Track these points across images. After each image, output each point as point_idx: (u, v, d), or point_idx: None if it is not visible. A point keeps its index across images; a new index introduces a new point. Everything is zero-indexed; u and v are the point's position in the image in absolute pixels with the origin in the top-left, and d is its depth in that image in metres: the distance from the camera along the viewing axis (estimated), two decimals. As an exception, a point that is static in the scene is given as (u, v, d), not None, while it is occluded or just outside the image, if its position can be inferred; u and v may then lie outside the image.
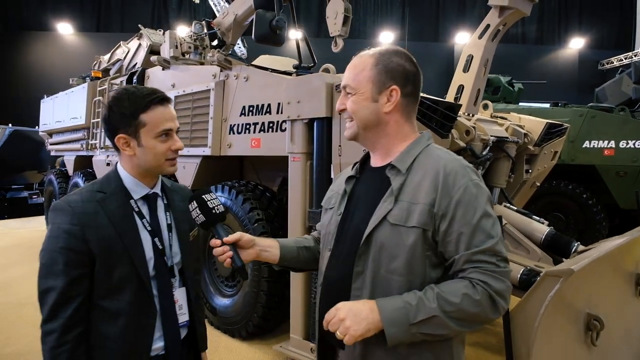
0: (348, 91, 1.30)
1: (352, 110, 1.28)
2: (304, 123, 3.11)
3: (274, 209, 3.71)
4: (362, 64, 1.28)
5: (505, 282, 1.13)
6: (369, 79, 1.26)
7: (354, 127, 1.29)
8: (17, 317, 4.36)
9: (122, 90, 1.38)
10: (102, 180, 1.41)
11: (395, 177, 1.22)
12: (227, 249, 1.29)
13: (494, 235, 1.14)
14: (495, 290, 1.10)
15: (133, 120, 1.33)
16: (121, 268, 1.31)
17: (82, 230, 1.27)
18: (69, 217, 1.28)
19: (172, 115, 1.39)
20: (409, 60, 1.28)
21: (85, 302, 1.29)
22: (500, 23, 3.72)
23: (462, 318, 1.11)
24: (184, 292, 1.46)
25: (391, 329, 1.10)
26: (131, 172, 1.41)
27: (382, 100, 1.25)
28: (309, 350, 3.13)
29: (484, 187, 1.20)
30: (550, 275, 2.10)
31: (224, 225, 1.33)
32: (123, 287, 1.31)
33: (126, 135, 1.35)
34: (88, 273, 1.29)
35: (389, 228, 1.18)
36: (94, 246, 1.28)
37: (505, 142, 3.83)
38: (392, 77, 1.25)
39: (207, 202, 1.29)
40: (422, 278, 1.17)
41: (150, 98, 1.34)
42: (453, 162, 1.20)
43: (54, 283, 1.26)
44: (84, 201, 1.32)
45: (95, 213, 1.30)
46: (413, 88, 1.28)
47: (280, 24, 3.83)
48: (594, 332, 2.37)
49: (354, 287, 1.22)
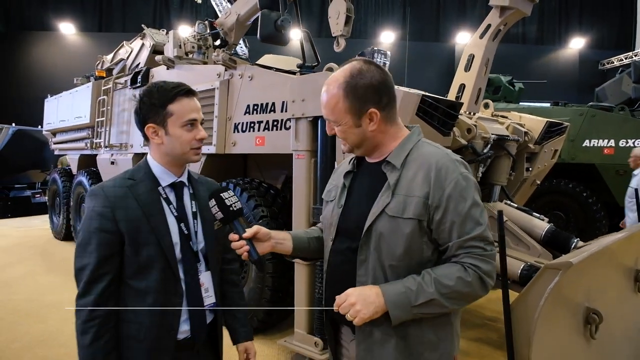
0: (332, 122, 1.38)
1: (341, 137, 1.39)
2: (309, 121, 3.16)
3: (278, 205, 3.76)
4: (333, 100, 1.33)
5: (492, 263, 1.28)
6: (345, 111, 1.32)
7: (348, 146, 1.41)
8: (23, 314, 4.43)
9: (152, 84, 1.49)
10: (134, 169, 1.52)
11: (391, 173, 1.32)
12: (244, 243, 1.36)
13: (482, 222, 1.27)
14: (483, 272, 1.25)
15: (161, 110, 1.43)
16: (148, 248, 1.39)
17: (112, 211, 1.37)
18: (102, 200, 1.39)
19: (197, 107, 1.49)
20: (372, 71, 1.31)
21: (115, 280, 1.39)
22: (501, 23, 3.77)
23: (456, 297, 1.25)
24: (209, 275, 1.54)
25: (395, 311, 1.24)
26: (160, 161, 1.50)
27: (365, 123, 1.33)
28: (313, 344, 3.18)
29: (472, 178, 1.31)
30: (549, 268, 2.15)
31: (244, 222, 1.41)
32: (151, 267, 1.40)
33: (155, 124, 1.45)
34: (118, 252, 1.39)
35: (388, 220, 1.29)
36: (122, 226, 1.37)
37: (505, 140, 3.88)
38: (365, 100, 1.30)
39: (224, 200, 1.37)
40: (419, 262, 1.30)
41: (177, 90, 1.45)
42: (443, 157, 1.31)
43: (88, 261, 1.36)
44: (116, 186, 1.43)
45: (125, 196, 1.41)
46: (387, 97, 1.34)
47: (285, 24, 3.88)
48: (592, 325, 2.41)
49: (358, 274, 1.34)
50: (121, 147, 5.82)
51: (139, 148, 5.44)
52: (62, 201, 7.92)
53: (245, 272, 3.82)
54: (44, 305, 4.65)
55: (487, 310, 4.66)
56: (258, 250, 1.38)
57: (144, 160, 1.53)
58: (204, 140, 1.51)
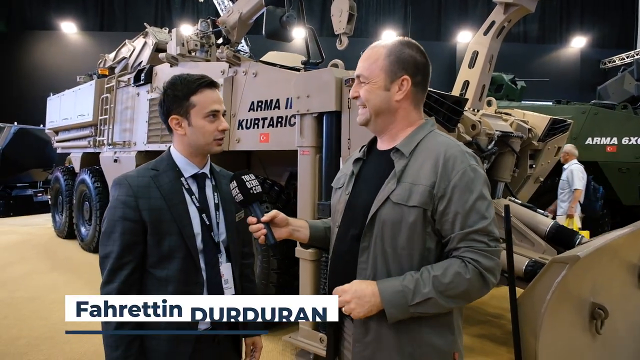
0: (362, 80, 1.37)
1: (365, 98, 1.36)
2: (314, 117, 3.17)
3: (283, 202, 3.77)
4: (375, 55, 1.36)
5: (495, 259, 1.22)
6: (381, 69, 1.33)
7: (366, 114, 1.37)
8: (27, 311, 4.43)
9: (176, 77, 1.51)
10: (157, 160, 1.54)
11: (398, 160, 1.31)
12: (262, 226, 1.37)
13: (488, 216, 1.23)
14: (485, 268, 1.20)
15: (185, 101, 1.46)
16: (170, 237, 1.41)
17: (135, 200, 1.39)
18: (125, 189, 1.41)
19: (219, 98, 1.51)
20: (419, 51, 1.37)
21: (138, 268, 1.40)
22: (505, 20, 3.78)
23: (455, 296, 1.21)
24: (230, 267, 1.55)
25: (391, 310, 1.21)
26: (182, 152, 1.52)
27: (393, 89, 1.33)
28: (318, 340, 3.18)
29: (481, 171, 1.28)
30: (556, 262, 2.15)
31: (261, 205, 1.41)
32: (172, 257, 1.41)
33: (178, 116, 1.47)
34: (141, 241, 1.40)
35: (392, 207, 1.27)
36: (145, 215, 1.39)
37: (509, 137, 3.89)
38: (403, 67, 1.33)
39: (245, 182, 1.38)
40: (421, 252, 1.27)
41: (200, 82, 1.47)
42: (453, 147, 1.29)
43: (112, 249, 1.38)
44: (139, 176, 1.45)
45: (148, 186, 1.43)
46: (422, 78, 1.36)
47: (291, 20, 3.88)
48: (598, 320, 2.41)
49: (360, 261, 1.32)
50: (124, 144, 5.83)
51: (142, 146, 5.44)
52: (64, 200, 7.92)
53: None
54: (47, 303, 4.66)
55: (490, 307, 4.67)
56: (275, 235, 1.39)
57: (167, 152, 1.56)
58: (225, 132, 1.52)
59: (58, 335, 3.77)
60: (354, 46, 3.87)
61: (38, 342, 3.69)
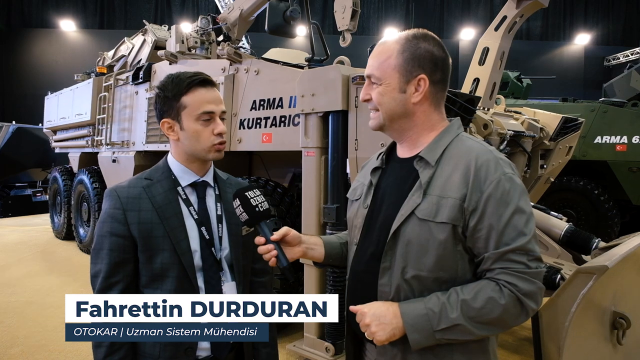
0: (373, 81, 1.22)
1: (378, 101, 1.21)
2: (319, 116, 3.03)
3: (286, 205, 3.63)
4: (387, 52, 1.20)
5: (536, 283, 1.07)
6: (394, 68, 1.18)
7: (379, 119, 1.22)
8: (23, 316, 4.31)
9: (169, 75, 1.38)
10: (152, 168, 1.41)
11: (423, 170, 1.15)
12: (272, 247, 1.21)
13: (527, 232, 1.07)
14: (524, 293, 1.05)
15: (175, 103, 1.33)
16: (163, 254, 1.28)
17: (123, 213, 1.27)
18: (113, 201, 1.30)
19: (214, 98, 1.36)
20: (437, 44, 1.21)
21: (128, 289, 1.28)
22: (517, 14, 3.64)
23: (487, 322, 1.07)
24: (234, 286, 1.39)
25: (414, 335, 1.08)
26: (179, 159, 1.39)
27: (409, 91, 1.18)
28: (324, 349, 3.06)
29: (518, 181, 1.12)
30: (582, 272, 2.02)
31: (270, 222, 1.27)
32: (166, 275, 1.28)
33: (169, 119, 1.35)
34: (131, 259, 1.28)
35: (417, 223, 1.12)
36: (134, 229, 1.27)
37: (521, 137, 3.76)
38: (419, 64, 1.17)
39: (250, 199, 1.22)
40: (452, 274, 1.12)
41: (191, 79, 1.32)
42: (486, 153, 1.13)
43: (100, 267, 1.27)
44: (130, 187, 1.33)
45: (139, 197, 1.30)
46: (442, 75, 1.21)
47: (295, 15, 3.74)
48: (619, 330, 2.29)
49: (380, 283, 1.18)
50: (123, 144, 5.69)
51: (141, 146, 5.30)
52: (63, 200, 7.80)
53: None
54: (44, 307, 4.54)
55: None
56: (287, 255, 1.23)
57: (163, 159, 1.42)
58: (223, 135, 1.37)
59: (53, 343, 3.63)
60: (356, 44, 3.73)
61: (33, 350, 3.56)
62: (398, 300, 1.15)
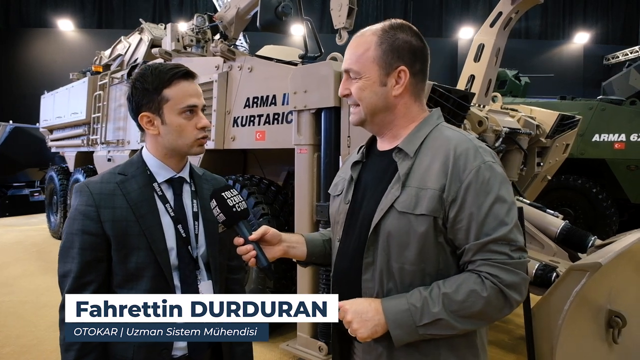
0: (352, 75, 1.18)
1: (358, 96, 1.17)
2: (311, 113, 3.00)
3: (280, 203, 3.60)
4: (364, 44, 1.16)
5: (519, 274, 1.03)
6: (373, 61, 1.14)
7: (360, 114, 1.19)
8: (16, 316, 4.28)
9: (146, 67, 1.32)
10: (126, 162, 1.35)
11: (402, 162, 1.13)
12: (250, 247, 1.19)
13: (508, 222, 1.03)
14: (506, 284, 1.02)
15: (156, 95, 1.27)
16: (138, 253, 1.24)
17: (96, 210, 1.22)
18: (86, 197, 1.24)
19: (196, 91, 1.32)
20: (414, 34, 1.18)
21: (101, 290, 1.24)
22: (513, 10, 3.61)
23: (469, 316, 1.04)
24: (210, 285, 1.36)
25: (396, 331, 1.06)
26: (156, 154, 1.34)
27: (390, 83, 1.15)
28: (317, 348, 3.03)
29: (498, 169, 1.09)
30: (575, 269, 2.00)
31: (251, 222, 1.24)
32: (141, 275, 1.24)
33: (149, 112, 1.29)
34: (104, 257, 1.24)
35: (397, 216, 1.09)
36: (108, 227, 1.22)
37: (517, 134, 3.73)
38: (399, 56, 1.14)
39: (226, 199, 1.19)
40: (435, 266, 1.09)
41: (174, 72, 1.28)
42: (465, 142, 1.10)
43: (70, 267, 1.22)
44: (103, 182, 1.27)
45: (113, 194, 1.25)
46: (421, 65, 1.18)
47: (287, 10, 3.70)
48: (615, 329, 2.27)
49: (364, 279, 1.15)
50: (118, 143, 5.67)
51: (136, 144, 5.28)
52: (59, 200, 7.77)
53: (245, 272, 3.66)
54: (38, 307, 4.51)
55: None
56: (267, 255, 1.20)
57: (138, 154, 1.37)
58: (207, 129, 1.33)
59: (46, 343, 3.61)
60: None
61: (24, 349, 3.53)
62: (383, 296, 1.12)
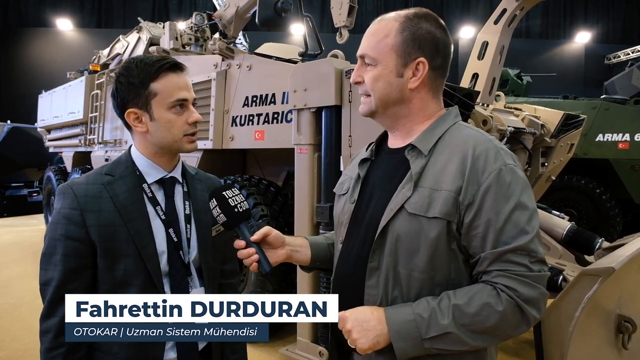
0: (367, 61, 1.10)
1: (370, 86, 1.09)
2: (312, 112, 2.93)
3: (279, 204, 3.53)
4: (384, 30, 1.08)
5: (539, 288, 0.95)
6: (392, 48, 1.06)
7: (371, 104, 1.11)
8: (12, 319, 4.22)
9: (130, 60, 1.23)
10: (113, 162, 1.27)
11: (415, 160, 1.05)
12: (253, 251, 1.11)
13: (529, 230, 0.95)
14: (524, 299, 0.93)
15: (143, 90, 1.19)
16: (126, 260, 1.16)
17: (81, 214, 1.15)
18: (69, 200, 1.16)
19: (186, 84, 1.24)
20: (439, 26, 1.09)
21: None
22: (517, 7, 3.52)
23: (481, 332, 0.96)
24: (202, 292, 1.28)
25: (399, 343, 0.97)
26: (145, 152, 1.26)
27: (407, 75, 1.07)
28: (317, 353, 2.96)
29: (520, 173, 1.01)
30: (587, 274, 1.92)
31: (250, 224, 1.16)
32: (129, 283, 1.17)
33: (136, 109, 1.21)
34: (89, 264, 1.17)
35: (407, 218, 1.01)
36: (93, 233, 1.14)
37: (522, 133, 3.65)
38: (419, 46, 1.06)
39: (228, 199, 1.11)
40: (445, 275, 1.01)
41: (161, 64, 1.19)
42: (485, 142, 1.02)
43: (52, 274, 1.16)
44: (88, 183, 1.19)
45: (99, 196, 1.17)
46: (443, 60, 1.09)
47: (286, 6, 3.63)
48: (625, 334, 2.20)
49: (367, 285, 1.07)
50: (115, 143, 5.60)
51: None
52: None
53: (244, 275, 3.59)
54: (33, 309, 4.43)
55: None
56: (270, 259, 1.13)
57: (126, 153, 1.28)
58: (198, 125, 1.25)
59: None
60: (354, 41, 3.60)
61: (18, 354, 3.46)
62: (386, 305, 1.04)
